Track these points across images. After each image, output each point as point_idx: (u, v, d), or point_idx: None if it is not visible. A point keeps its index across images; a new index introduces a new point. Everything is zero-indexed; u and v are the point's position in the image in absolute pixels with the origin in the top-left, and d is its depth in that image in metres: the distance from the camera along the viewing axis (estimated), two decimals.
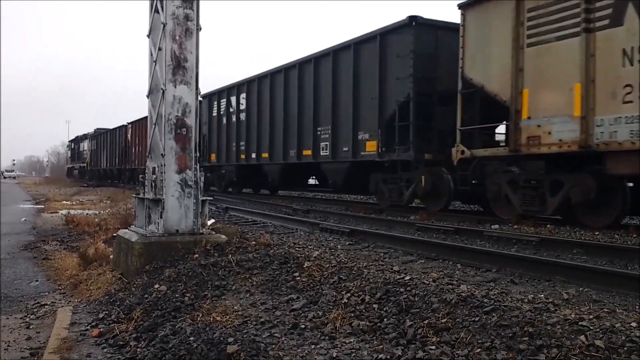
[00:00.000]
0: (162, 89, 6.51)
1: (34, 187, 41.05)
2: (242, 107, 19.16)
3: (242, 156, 19.13)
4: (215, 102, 21.40)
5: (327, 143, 14.36)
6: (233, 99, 20.00)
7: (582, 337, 3.07)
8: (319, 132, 14.72)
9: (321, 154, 14.62)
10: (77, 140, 54.59)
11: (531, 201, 9.46)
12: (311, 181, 20.39)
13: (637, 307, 4.07)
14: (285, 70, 16.56)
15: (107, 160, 39.16)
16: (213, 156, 21.70)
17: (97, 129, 45.79)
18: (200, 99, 20.77)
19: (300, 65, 15.76)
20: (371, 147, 12.68)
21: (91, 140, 46.23)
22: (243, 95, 19.18)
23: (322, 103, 14.62)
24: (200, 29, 6.72)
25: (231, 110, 20.08)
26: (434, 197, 11.71)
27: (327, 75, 14.39)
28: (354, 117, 13.25)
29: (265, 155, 17.56)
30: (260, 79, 18.13)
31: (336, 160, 14.05)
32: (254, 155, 18.29)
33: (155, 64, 6.73)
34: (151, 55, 6.86)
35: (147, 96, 7.00)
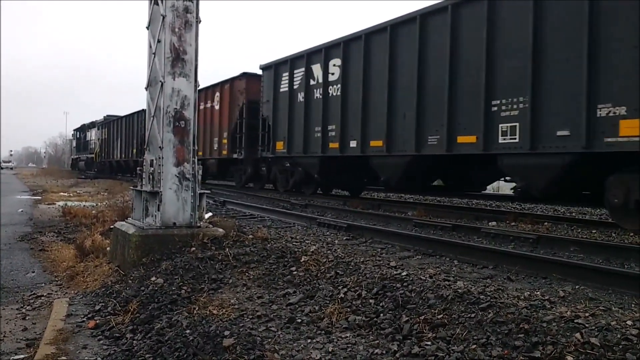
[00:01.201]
0: (160, 81, 6.49)
1: (31, 178, 40.97)
2: (333, 77, 13.83)
3: (333, 145, 13.77)
4: (286, 74, 15.86)
5: (516, 124, 9.03)
6: (316, 68, 14.55)
7: (578, 335, 3.08)
8: (495, 108, 9.40)
9: (500, 141, 9.32)
10: (83, 129, 49.03)
11: None
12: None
13: (633, 305, 4.08)
14: (421, 18, 11.01)
15: (122, 150, 34.20)
16: (280, 145, 16.17)
17: (107, 115, 40.75)
18: (260, 71, 17.57)
19: (454, 7, 10.25)
20: (633, 128, 7.45)
21: (101, 128, 40.77)
22: (335, 61, 13.80)
23: (503, 62, 9.32)
24: (200, 21, 6.70)
25: (313, 83, 14.62)
26: None
27: (517, 17, 9.09)
28: (590, 79, 7.94)
29: (376, 143, 12.24)
30: (368, 35, 12.60)
31: (537, 152, 8.70)
32: (353, 144, 13.00)
33: (154, 56, 6.70)
34: (150, 47, 6.84)
35: (146, 88, 6.98)
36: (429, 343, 3.40)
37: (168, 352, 3.64)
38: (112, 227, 7.82)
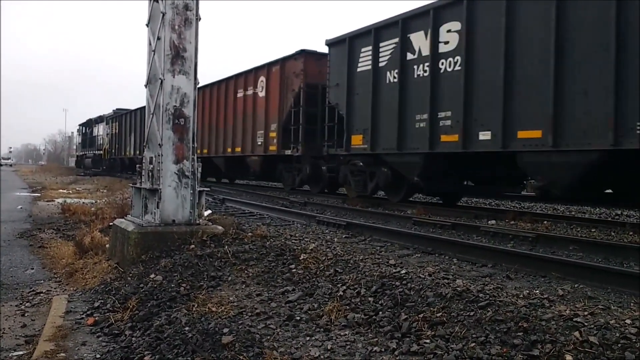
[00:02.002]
0: (160, 78, 6.48)
1: (30, 174, 40.94)
2: (448, 47, 10.35)
3: (448, 137, 10.31)
4: (367, 48, 12.39)
5: None
6: (418, 37, 10.99)
7: (577, 333, 3.08)
8: None
9: None
10: (90, 124, 46.12)
11: None
12: None
13: (632, 304, 4.09)
14: None
15: (136, 146, 31.48)
16: (357, 139, 12.77)
17: (117, 109, 38.26)
18: (319, 48, 14.73)
19: None
20: None
21: (110, 122, 37.84)
22: (450, 25, 10.30)
23: None
24: (200, 18, 6.69)
25: (412, 57, 11.17)
26: None
27: None
28: None
29: (530, 133, 8.79)
30: None
31: None
32: (485, 136, 9.58)
33: (154, 54, 6.70)
34: (150, 44, 6.83)
35: (145, 86, 6.97)
36: (428, 341, 3.40)
37: (167, 349, 3.64)
38: (111, 224, 7.82)
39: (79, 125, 52.47)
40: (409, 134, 11.27)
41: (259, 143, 17.59)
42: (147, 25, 6.93)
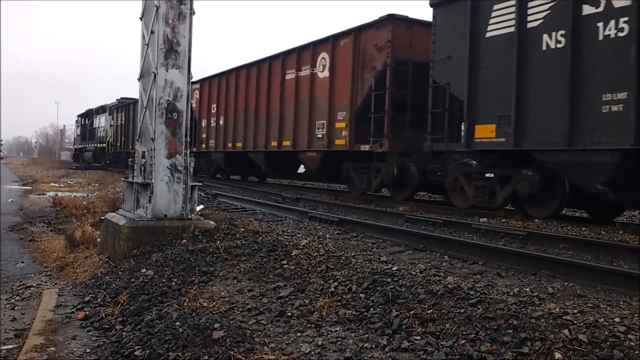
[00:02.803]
0: (153, 72, 6.46)
1: (21, 167, 40.69)
2: None
3: None
4: (507, 5, 9.08)
5: None
6: None
7: (566, 331, 3.10)
8: None
9: None
10: (90, 115, 42.55)
11: None
12: None
13: (621, 302, 4.12)
14: None
15: None
16: (487, 130, 9.48)
17: (122, 98, 34.80)
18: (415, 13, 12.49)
19: None
20: None
21: (115, 113, 34.18)
22: None
23: None
24: (194, 12, 6.67)
25: (591, 11, 7.83)
26: None
27: None
28: None
29: None
30: None
31: None
32: None
33: (147, 47, 6.67)
34: (143, 38, 6.80)
35: (139, 79, 6.94)
36: (419, 338, 3.41)
37: (157, 343, 3.64)
38: (102, 218, 7.79)
39: (78, 116, 48.25)
40: (589, 123, 7.91)
41: (319, 136, 13.98)
42: (141, 18, 6.90)
